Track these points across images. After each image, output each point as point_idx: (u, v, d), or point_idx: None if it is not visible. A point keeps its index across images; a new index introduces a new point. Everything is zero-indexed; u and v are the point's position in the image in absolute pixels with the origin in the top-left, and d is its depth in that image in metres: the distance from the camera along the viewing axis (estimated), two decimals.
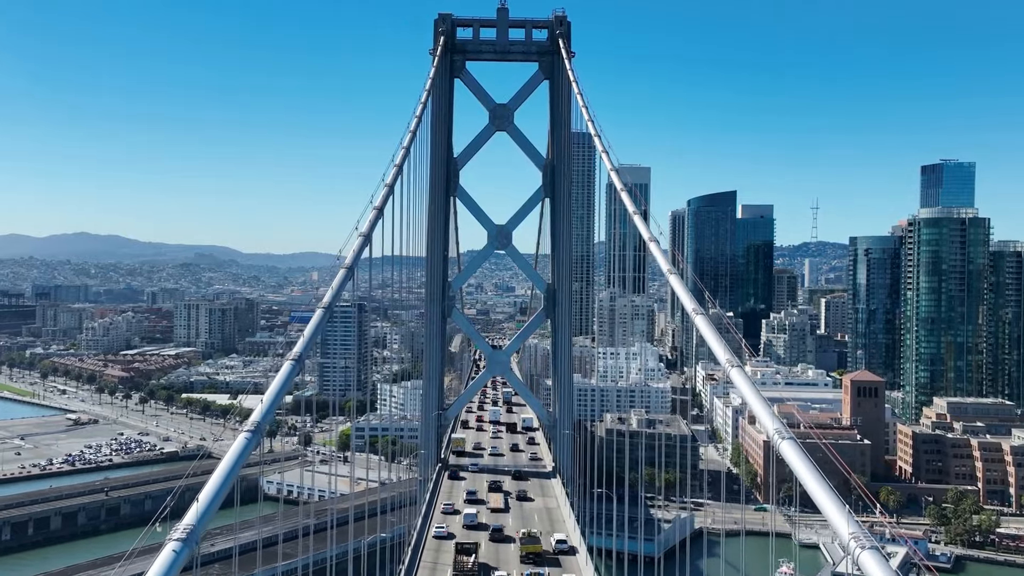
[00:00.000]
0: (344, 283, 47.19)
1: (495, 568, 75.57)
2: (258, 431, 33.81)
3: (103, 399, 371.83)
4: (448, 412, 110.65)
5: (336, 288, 46.07)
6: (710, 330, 44.85)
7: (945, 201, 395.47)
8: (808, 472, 31.26)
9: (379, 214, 54.39)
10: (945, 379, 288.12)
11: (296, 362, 40.77)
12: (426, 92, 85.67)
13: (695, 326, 47.23)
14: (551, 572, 73.14)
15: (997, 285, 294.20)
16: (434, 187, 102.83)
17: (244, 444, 32.86)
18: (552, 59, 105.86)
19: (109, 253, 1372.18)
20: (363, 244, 49.44)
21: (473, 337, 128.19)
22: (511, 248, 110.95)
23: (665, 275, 55.03)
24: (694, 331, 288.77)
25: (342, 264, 47.30)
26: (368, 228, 51.52)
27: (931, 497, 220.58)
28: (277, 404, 37.54)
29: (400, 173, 64.02)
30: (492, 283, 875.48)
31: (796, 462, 31.97)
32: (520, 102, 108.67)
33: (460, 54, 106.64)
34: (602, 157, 69.86)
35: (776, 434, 33.91)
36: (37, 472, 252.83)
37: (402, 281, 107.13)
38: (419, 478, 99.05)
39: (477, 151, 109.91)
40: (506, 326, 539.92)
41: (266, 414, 35.31)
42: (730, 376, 40.14)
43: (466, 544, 78.75)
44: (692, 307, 47.53)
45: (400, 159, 64.94)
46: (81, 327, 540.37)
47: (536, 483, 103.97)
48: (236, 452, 32.00)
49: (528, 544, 78.37)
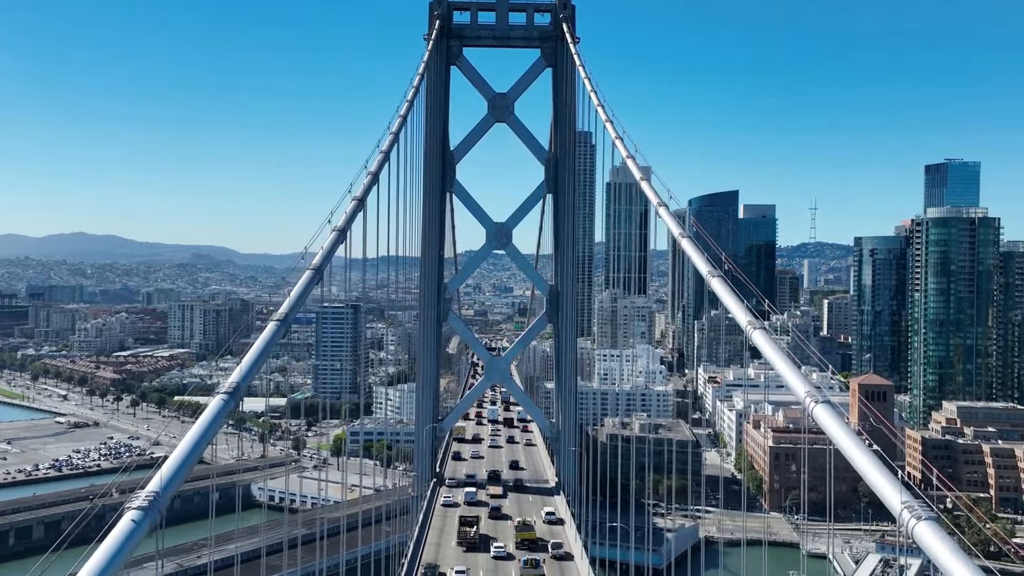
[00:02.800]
0: (310, 288, 40.75)
1: (494, 539, 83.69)
2: (235, 394, 31.14)
3: (94, 402, 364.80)
4: (444, 424, 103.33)
5: (294, 299, 39.66)
6: (728, 293, 42.59)
7: (950, 201, 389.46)
8: (848, 438, 28.29)
9: (359, 205, 47.52)
10: (954, 383, 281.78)
11: (281, 323, 37.78)
12: (419, 75, 78.33)
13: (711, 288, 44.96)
14: (546, 559, 78.22)
15: (1007, 286, 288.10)
16: (428, 182, 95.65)
17: (219, 407, 29.92)
18: (555, 45, 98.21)
19: (106, 253, 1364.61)
20: (336, 240, 42.73)
21: (471, 343, 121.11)
22: (511, 247, 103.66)
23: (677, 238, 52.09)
24: (695, 332, 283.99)
25: (307, 265, 40.58)
26: (344, 222, 44.70)
27: (942, 504, 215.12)
28: (259, 367, 34.71)
29: (387, 160, 57.12)
30: (490, 284, 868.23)
31: (833, 428, 29.16)
32: (521, 91, 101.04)
33: (457, 39, 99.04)
34: (616, 144, 63.13)
35: (808, 398, 31.50)
36: (22, 478, 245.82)
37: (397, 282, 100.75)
38: (413, 494, 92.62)
39: (475, 144, 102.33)
40: (504, 327, 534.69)
41: (245, 376, 32.50)
42: (752, 339, 38.15)
43: (468, 517, 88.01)
44: (707, 270, 45.10)
45: (387, 144, 58.01)
46: (74, 328, 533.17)
47: (538, 500, 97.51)
48: (209, 416, 29.22)
49: (523, 531, 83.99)
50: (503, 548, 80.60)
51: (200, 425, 28.51)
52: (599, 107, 70.37)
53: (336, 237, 43.47)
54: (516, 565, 76.37)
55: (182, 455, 26.52)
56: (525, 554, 78.18)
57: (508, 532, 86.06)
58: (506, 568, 77.45)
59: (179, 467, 25.91)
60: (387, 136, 59.89)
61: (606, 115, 67.83)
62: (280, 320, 38.06)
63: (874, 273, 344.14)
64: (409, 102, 70.40)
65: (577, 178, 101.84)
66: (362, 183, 50.48)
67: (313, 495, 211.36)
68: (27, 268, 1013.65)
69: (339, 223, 44.46)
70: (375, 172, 53.19)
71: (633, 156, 59.05)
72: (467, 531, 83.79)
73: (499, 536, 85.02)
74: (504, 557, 79.05)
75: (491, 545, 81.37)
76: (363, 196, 49.00)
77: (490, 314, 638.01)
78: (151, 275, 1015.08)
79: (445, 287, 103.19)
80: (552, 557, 78.86)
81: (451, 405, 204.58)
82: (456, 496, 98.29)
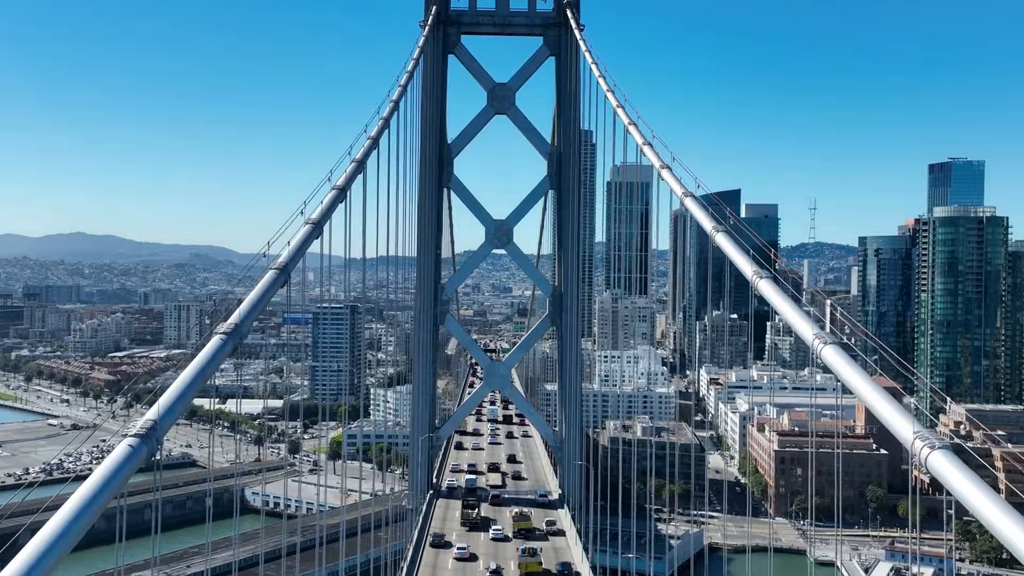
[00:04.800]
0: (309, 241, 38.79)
1: (494, 521, 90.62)
2: (235, 334, 30.93)
3: (88, 403, 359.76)
4: (440, 433, 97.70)
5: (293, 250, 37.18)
6: (732, 246, 41.36)
7: (954, 201, 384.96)
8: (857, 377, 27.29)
9: (340, 195, 42.01)
10: (962, 385, 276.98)
11: (281, 271, 36.44)
12: (412, 60, 72.98)
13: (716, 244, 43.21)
14: (543, 547, 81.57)
15: (1015, 287, 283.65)
16: (424, 175, 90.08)
17: (218, 346, 29.64)
18: (559, 32, 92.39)
19: (104, 253, 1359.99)
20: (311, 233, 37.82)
21: (469, 348, 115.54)
22: (512, 246, 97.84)
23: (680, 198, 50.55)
24: (697, 334, 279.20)
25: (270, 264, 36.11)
26: (320, 214, 39.22)
27: (952, 510, 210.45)
28: (259, 310, 34.86)
29: (376, 147, 51.65)
30: (489, 284, 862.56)
31: (843, 368, 28.09)
32: (523, 81, 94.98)
33: (454, 26, 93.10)
34: (629, 130, 57.68)
35: (816, 339, 30.19)
36: (11, 482, 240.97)
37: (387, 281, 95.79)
38: (408, 507, 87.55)
39: (474, 137, 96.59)
40: (503, 327, 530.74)
41: (245, 317, 32.48)
42: (759, 288, 37.34)
43: (471, 500, 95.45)
44: (711, 225, 44.28)
45: (376, 131, 52.50)
46: (70, 329, 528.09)
47: (540, 514, 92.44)
48: (208, 354, 29.00)
49: (520, 521, 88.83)
50: (501, 530, 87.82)
51: (199, 361, 28.28)
52: (608, 92, 64.55)
53: (310, 231, 38.44)
54: (513, 550, 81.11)
55: (179, 389, 26.38)
56: (522, 543, 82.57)
57: (506, 520, 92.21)
58: (504, 549, 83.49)
59: (176, 400, 25.68)
60: (376, 121, 54.64)
61: (617, 100, 62.37)
62: (279, 268, 36.35)
63: (879, 273, 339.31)
64: (402, 87, 65.02)
65: (582, 173, 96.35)
66: (345, 171, 45.12)
67: (309, 500, 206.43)
68: (24, 268, 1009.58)
69: (314, 215, 39.39)
70: (360, 159, 47.63)
71: (651, 143, 53.85)
72: (469, 513, 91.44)
73: (498, 521, 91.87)
74: (501, 539, 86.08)
75: (490, 527, 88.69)
76: (345, 185, 43.68)
77: (489, 314, 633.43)
78: (149, 275, 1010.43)
79: (442, 288, 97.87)
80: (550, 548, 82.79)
81: (449, 407, 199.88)
82: (459, 480, 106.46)
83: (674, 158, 49.52)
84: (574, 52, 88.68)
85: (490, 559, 79.83)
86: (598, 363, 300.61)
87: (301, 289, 62.42)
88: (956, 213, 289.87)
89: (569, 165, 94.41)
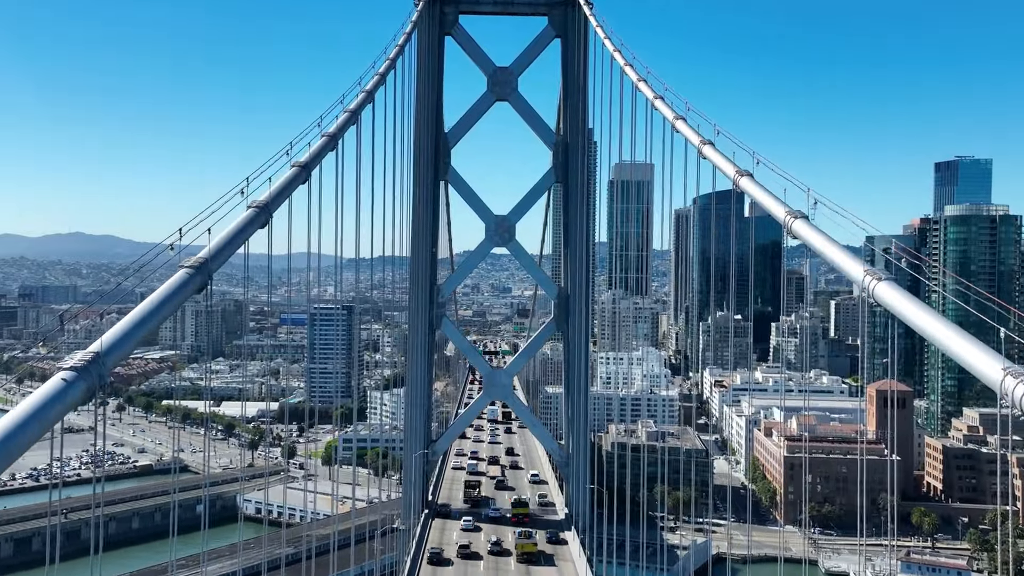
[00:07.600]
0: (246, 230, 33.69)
1: (493, 500, 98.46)
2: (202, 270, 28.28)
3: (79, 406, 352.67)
4: (436, 447, 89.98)
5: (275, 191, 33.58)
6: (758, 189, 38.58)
7: (961, 199, 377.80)
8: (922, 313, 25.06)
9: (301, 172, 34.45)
10: (973, 388, 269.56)
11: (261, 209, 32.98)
12: (404, 34, 65.00)
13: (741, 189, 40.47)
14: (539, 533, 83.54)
15: None
16: (419, 167, 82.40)
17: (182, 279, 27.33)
18: (565, 10, 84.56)
19: (102, 253, 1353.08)
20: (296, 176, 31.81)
21: (468, 355, 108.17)
22: (514, 244, 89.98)
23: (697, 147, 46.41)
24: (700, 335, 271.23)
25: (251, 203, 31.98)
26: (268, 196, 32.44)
27: (967, 518, 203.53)
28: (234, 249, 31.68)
29: (356, 121, 43.58)
30: (488, 284, 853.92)
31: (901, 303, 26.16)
32: (526, 65, 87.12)
33: (452, 5, 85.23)
34: (654, 104, 49.93)
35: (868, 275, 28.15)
36: None
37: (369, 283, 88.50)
38: (401, 527, 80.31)
39: (473, 125, 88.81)
40: (503, 328, 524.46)
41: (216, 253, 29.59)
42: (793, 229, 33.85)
43: (472, 480, 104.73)
44: (734, 170, 41.34)
45: (357, 103, 44.09)
46: (63, 329, 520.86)
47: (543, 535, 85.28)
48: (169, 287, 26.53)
49: (517, 507, 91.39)
50: (498, 510, 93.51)
51: (159, 294, 25.75)
52: (627, 66, 56.83)
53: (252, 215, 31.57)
54: (511, 532, 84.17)
55: (131, 322, 23.64)
56: (519, 527, 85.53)
57: (505, 502, 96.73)
58: (502, 530, 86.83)
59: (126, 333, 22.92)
60: (357, 94, 46.55)
61: (637, 75, 54.60)
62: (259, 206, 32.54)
63: None
64: (391, 60, 57.44)
65: (591, 166, 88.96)
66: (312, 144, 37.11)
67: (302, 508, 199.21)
68: (22, 268, 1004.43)
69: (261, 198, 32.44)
70: (334, 133, 39.85)
71: (684, 117, 46.42)
72: (471, 492, 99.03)
73: (497, 501, 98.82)
74: (499, 518, 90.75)
75: (490, 505, 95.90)
76: (308, 162, 35.88)
77: (488, 315, 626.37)
78: (147, 275, 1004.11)
79: (439, 290, 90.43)
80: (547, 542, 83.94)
81: (447, 409, 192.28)
82: (462, 462, 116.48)
83: (718, 131, 42.71)
84: (582, 32, 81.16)
85: (490, 533, 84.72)
86: (600, 365, 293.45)
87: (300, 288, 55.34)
88: (968, 212, 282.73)
89: (576, 156, 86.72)
